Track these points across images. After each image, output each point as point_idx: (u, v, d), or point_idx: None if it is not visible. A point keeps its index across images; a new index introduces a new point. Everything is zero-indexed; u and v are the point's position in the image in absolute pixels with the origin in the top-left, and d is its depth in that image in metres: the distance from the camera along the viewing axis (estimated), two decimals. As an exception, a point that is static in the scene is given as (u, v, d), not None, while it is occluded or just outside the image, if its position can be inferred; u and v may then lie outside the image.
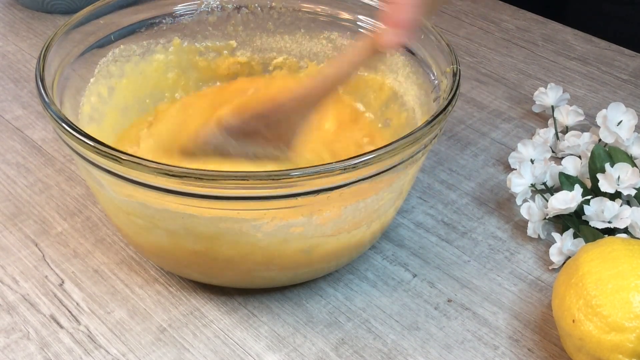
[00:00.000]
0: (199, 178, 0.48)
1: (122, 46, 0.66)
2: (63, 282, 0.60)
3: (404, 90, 0.66)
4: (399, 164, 0.52)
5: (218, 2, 0.70)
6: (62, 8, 0.91)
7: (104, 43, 0.65)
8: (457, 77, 0.57)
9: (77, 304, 0.58)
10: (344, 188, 0.50)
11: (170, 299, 0.59)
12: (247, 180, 0.48)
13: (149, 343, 0.55)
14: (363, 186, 0.51)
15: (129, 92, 0.67)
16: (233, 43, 0.71)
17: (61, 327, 0.56)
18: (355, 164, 0.49)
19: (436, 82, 0.61)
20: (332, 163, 0.49)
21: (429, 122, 0.53)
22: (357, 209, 0.54)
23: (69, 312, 0.57)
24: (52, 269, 0.61)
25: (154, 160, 0.49)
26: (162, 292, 0.59)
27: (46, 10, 0.92)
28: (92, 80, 0.64)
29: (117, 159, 0.49)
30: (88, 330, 0.56)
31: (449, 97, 0.55)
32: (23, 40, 0.88)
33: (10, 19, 0.92)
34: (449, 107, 0.55)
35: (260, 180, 0.48)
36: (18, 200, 0.67)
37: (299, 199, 0.50)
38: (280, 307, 0.58)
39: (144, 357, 0.54)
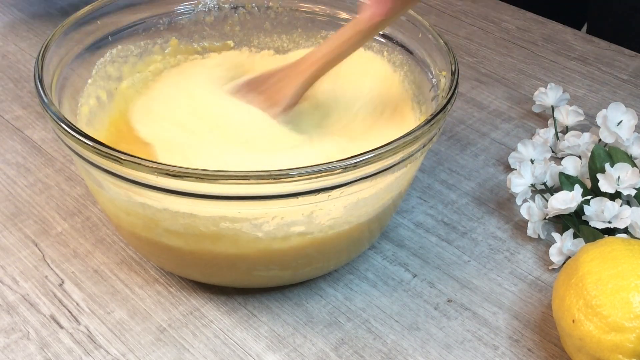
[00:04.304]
0: (200, 178, 0.48)
1: (119, 47, 0.66)
2: (63, 282, 0.60)
3: (403, 90, 0.66)
4: (399, 162, 0.52)
5: (215, 2, 0.70)
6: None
7: (102, 43, 0.64)
8: (456, 76, 0.57)
9: (77, 304, 0.58)
10: (344, 187, 0.50)
11: (170, 299, 0.59)
12: (248, 179, 0.48)
13: (148, 343, 0.55)
14: (363, 185, 0.51)
15: (127, 94, 0.67)
16: (230, 43, 0.71)
17: (61, 327, 0.56)
18: (356, 162, 0.49)
19: (434, 81, 0.61)
20: (332, 162, 0.49)
21: (428, 121, 0.53)
22: (357, 208, 0.54)
23: (69, 312, 0.57)
24: (52, 269, 0.61)
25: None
26: (162, 292, 0.59)
27: None
28: (89, 81, 0.64)
29: (117, 159, 0.49)
30: (88, 330, 0.56)
31: (448, 96, 0.55)
32: (23, 40, 0.88)
33: (10, 19, 0.92)
34: (448, 106, 0.55)
35: (261, 179, 0.48)
36: (18, 201, 0.67)
37: (300, 198, 0.50)
38: (280, 307, 0.58)
39: (143, 357, 0.54)
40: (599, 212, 0.61)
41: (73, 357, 0.54)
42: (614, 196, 0.63)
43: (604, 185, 0.62)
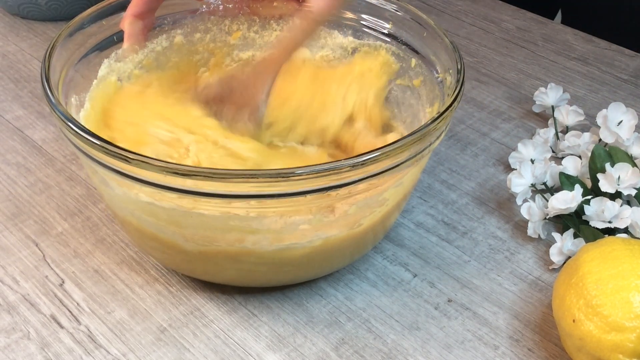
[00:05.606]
0: (208, 176, 0.48)
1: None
2: (63, 282, 0.60)
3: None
4: (406, 160, 0.52)
5: (220, 1, 0.70)
6: (36, 14, 0.90)
7: (107, 44, 0.64)
8: (462, 74, 0.57)
9: (78, 304, 0.58)
10: (352, 185, 0.50)
11: (171, 299, 0.59)
12: (256, 178, 0.48)
13: (149, 343, 0.55)
14: (370, 184, 0.51)
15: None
16: (236, 42, 0.71)
17: (61, 327, 0.56)
18: (364, 160, 0.49)
19: (439, 79, 0.61)
20: (340, 160, 0.49)
21: (435, 119, 0.53)
22: (362, 208, 0.54)
23: (69, 312, 0.57)
24: (52, 269, 0.61)
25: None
26: (163, 292, 0.59)
27: (21, 15, 0.91)
28: (95, 82, 0.64)
29: (126, 158, 0.49)
30: (88, 330, 0.56)
31: (454, 94, 0.55)
32: (23, 40, 0.88)
33: (11, 19, 0.91)
34: (455, 104, 0.55)
35: (270, 178, 0.48)
36: (18, 200, 0.67)
37: (308, 196, 0.50)
38: (281, 307, 0.58)
39: (144, 357, 0.54)
40: (599, 212, 0.61)
41: (73, 357, 0.54)
42: (614, 196, 0.63)
43: (604, 185, 0.62)
